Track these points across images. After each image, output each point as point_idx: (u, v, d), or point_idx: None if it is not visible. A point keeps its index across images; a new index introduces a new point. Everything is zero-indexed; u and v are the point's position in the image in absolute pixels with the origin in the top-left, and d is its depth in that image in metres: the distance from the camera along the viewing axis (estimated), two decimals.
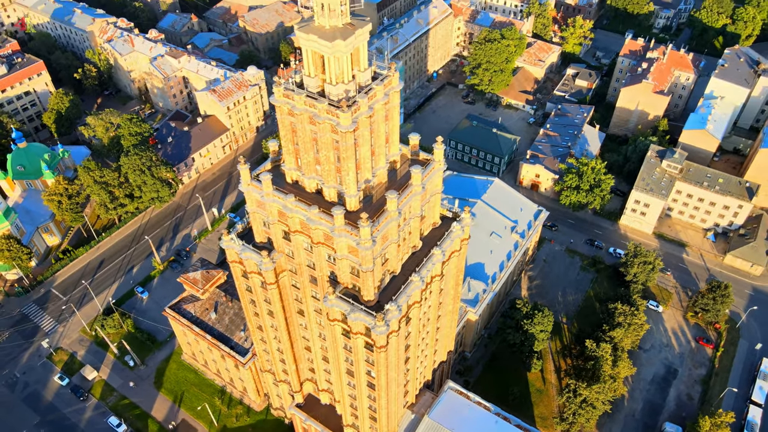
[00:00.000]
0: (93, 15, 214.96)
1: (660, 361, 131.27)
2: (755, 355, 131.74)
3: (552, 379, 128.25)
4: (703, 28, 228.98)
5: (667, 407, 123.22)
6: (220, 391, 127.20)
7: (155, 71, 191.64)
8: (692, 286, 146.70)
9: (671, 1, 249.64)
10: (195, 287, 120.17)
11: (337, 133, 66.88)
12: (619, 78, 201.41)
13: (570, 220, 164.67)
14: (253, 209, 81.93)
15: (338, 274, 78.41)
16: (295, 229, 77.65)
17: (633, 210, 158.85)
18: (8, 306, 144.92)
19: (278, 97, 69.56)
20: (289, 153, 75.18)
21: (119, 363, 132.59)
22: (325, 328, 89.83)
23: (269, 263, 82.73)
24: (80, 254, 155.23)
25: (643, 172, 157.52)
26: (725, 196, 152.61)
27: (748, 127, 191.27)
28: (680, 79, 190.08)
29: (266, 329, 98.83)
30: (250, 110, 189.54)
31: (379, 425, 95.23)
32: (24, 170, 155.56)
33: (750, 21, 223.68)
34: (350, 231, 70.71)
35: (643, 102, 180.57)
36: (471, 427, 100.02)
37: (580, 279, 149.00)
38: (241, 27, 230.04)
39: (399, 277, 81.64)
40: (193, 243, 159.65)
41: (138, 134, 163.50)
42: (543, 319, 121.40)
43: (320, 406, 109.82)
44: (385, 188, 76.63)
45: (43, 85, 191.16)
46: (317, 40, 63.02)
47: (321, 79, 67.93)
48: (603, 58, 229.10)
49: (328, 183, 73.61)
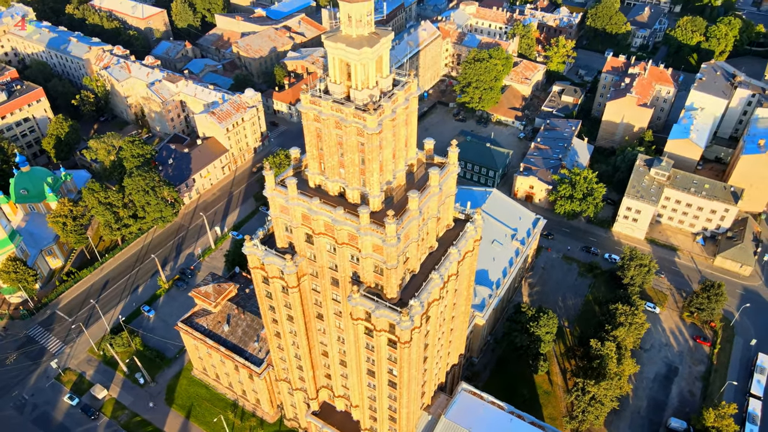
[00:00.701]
0: (89, 43, 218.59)
1: (661, 360, 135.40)
2: (751, 350, 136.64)
3: (558, 380, 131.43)
4: (678, 45, 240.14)
5: (671, 403, 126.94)
6: (233, 404, 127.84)
7: (153, 96, 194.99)
8: (686, 288, 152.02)
9: (647, 21, 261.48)
10: (207, 301, 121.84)
11: (363, 135, 70.87)
12: (603, 93, 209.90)
13: (565, 229, 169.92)
14: (276, 215, 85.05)
15: (361, 274, 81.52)
16: (319, 232, 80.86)
17: (625, 217, 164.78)
18: (13, 329, 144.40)
19: (305, 104, 73.50)
20: (314, 158, 78.88)
21: (129, 381, 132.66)
22: (344, 331, 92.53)
23: (292, 266, 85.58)
24: (84, 276, 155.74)
25: (633, 180, 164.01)
26: (712, 200, 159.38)
27: (728, 137, 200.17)
28: (661, 93, 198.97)
29: (285, 335, 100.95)
30: (248, 131, 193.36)
31: (398, 426, 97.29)
32: (27, 194, 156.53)
33: (722, 38, 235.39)
34: (375, 229, 74.19)
35: (628, 115, 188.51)
36: (487, 426, 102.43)
37: (579, 284, 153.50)
38: (235, 53, 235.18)
39: (418, 276, 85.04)
40: (197, 261, 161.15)
41: (140, 156, 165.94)
42: (548, 321, 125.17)
43: (336, 413, 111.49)
44: (404, 190, 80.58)
45: (42, 111, 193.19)
46: (345, 48, 67.44)
47: (346, 86, 72.09)
48: (585, 76, 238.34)
49: (351, 185, 77.28)
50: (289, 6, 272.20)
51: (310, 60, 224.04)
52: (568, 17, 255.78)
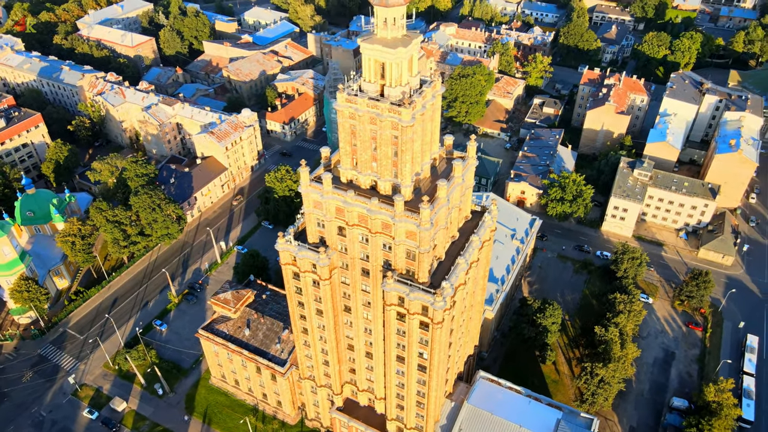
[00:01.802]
0: (81, 71, 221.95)
1: (658, 346, 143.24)
2: (739, 332, 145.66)
3: (565, 369, 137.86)
4: (646, 59, 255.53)
5: (671, 385, 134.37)
6: (253, 409, 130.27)
7: (151, 118, 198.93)
8: (674, 279, 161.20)
9: (615, 38, 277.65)
10: (227, 307, 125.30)
11: (398, 128, 77.48)
12: (581, 104, 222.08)
13: (557, 230, 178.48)
14: (309, 210, 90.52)
15: (393, 262, 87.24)
16: (352, 223, 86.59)
17: (613, 216, 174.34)
18: (25, 349, 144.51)
19: (341, 102, 79.99)
20: (347, 154, 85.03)
21: (147, 393, 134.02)
22: (372, 322, 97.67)
23: (325, 259, 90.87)
24: (92, 294, 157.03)
25: (618, 181, 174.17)
26: (692, 197, 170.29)
27: (699, 140, 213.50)
28: (636, 102, 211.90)
29: (312, 331, 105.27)
30: (246, 150, 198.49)
31: (426, 411, 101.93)
32: (33, 215, 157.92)
33: (686, 51, 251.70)
34: (410, 216, 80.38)
35: (607, 122, 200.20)
36: (508, 409, 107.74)
37: (575, 281, 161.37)
38: (225, 77, 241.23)
39: (444, 262, 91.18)
40: (204, 276, 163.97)
41: (144, 175, 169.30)
42: (553, 312, 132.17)
43: (359, 409, 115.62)
44: (430, 182, 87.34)
45: (40, 137, 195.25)
46: (381, 49, 74.45)
47: (380, 84, 78.90)
48: (562, 90, 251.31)
49: (383, 177, 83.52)
50: (274, 32, 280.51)
51: (300, 81, 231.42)
52: (542, 36, 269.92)
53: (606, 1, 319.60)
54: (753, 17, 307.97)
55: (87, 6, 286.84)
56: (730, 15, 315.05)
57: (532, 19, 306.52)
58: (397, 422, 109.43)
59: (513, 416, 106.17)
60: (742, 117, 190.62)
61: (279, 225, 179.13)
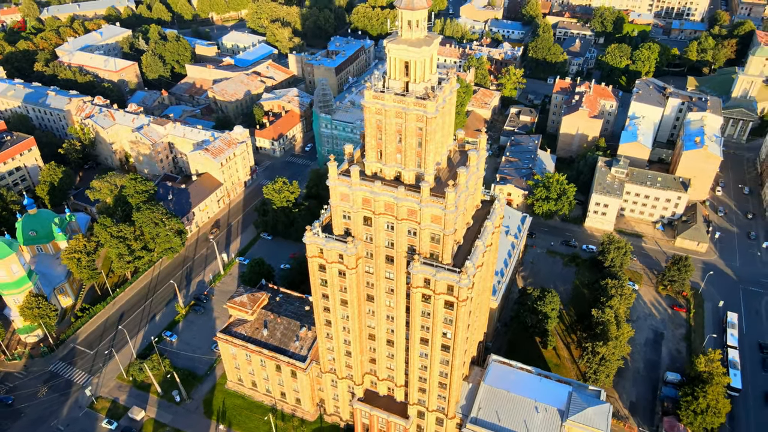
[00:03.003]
0: (67, 96, 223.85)
1: (648, 328, 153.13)
2: (720, 311, 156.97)
3: (565, 354, 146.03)
4: (610, 69, 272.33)
5: (663, 362, 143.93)
6: (271, 410, 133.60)
7: (143, 138, 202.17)
8: (656, 267, 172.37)
9: (579, 51, 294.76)
10: (244, 309, 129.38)
11: (422, 120, 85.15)
12: (555, 111, 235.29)
13: (544, 228, 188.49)
14: (336, 203, 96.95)
15: (418, 246, 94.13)
16: (379, 212, 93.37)
17: (595, 212, 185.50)
18: (35, 366, 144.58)
19: (368, 99, 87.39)
20: (372, 148, 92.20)
21: (164, 401, 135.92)
22: (394, 309, 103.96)
23: (353, 248, 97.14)
24: (98, 310, 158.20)
25: (598, 178, 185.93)
26: (666, 191, 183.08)
27: (666, 140, 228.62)
28: (606, 107, 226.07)
29: (336, 322, 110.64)
30: (239, 166, 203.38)
31: (449, 390, 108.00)
32: (36, 235, 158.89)
33: (646, 60, 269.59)
34: (435, 200, 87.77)
35: (582, 126, 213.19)
36: (522, 386, 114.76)
37: (565, 273, 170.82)
38: (211, 97, 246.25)
39: (462, 246, 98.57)
40: (209, 287, 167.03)
41: (144, 192, 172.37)
42: (552, 299, 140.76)
43: (379, 398, 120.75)
44: (447, 172, 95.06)
45: (33, 160, 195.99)
46: (407, 48, 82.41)
47: (404, 81, 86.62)
48: (535, 100, 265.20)
49: (408, 167, 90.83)
50: (254, 55, 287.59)
51: (286, 99, 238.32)
52: (512, 51, 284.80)
53: (567, 18, 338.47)
54: (702, 29, 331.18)
55: (65, 34, 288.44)
56: (681, 27, 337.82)
57: (500, 35, 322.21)
58: (419, 406, 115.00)
59: (528, 392, 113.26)
60: (703, 117, 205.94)
61: (278, 236, 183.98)
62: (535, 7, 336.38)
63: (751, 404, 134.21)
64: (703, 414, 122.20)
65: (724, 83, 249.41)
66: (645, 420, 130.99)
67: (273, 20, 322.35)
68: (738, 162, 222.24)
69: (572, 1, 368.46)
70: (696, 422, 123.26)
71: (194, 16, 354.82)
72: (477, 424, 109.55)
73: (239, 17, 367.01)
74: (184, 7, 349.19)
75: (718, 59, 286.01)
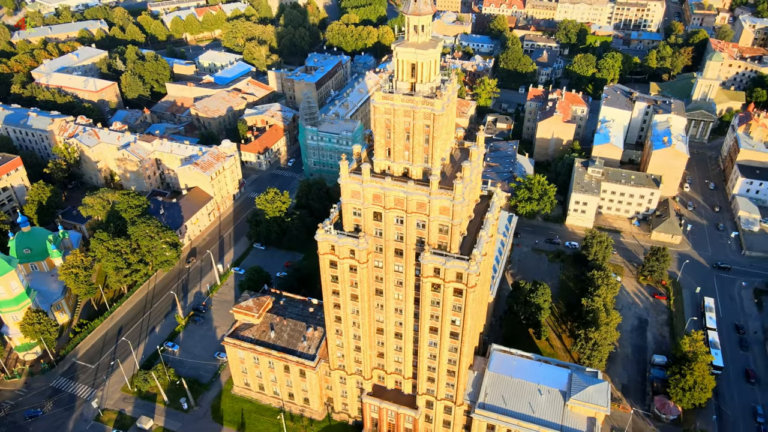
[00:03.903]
0: (49, 116, 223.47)
1: (632, 316, 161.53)
2: (697, 297, 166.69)
3: (557, 344, 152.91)
4: (577, 77, 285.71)
5: (650, 346, 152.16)
6: (279, 411, 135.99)
7: (130, 155, 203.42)
8: (635, 260, 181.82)
9: (547, 61, 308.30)
10: (250, 313, 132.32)
11: (430, 118, 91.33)
12: (530, 118, 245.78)
13: (527, 228, 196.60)
14: (346, 201, 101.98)
15: (427, 237, 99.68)
16: (389, 207, 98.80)
17: (575, 210, 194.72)
18: (36, 383, 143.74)
19: (378, 100, 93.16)
20: (381, 146, 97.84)
21: (171, 409, 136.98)
22: (403, 302, 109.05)
23: (364, 243, 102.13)
24: (96, 325, 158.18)
25: (576, 178, 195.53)
26: (640, 187, 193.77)
27: (635, 142, 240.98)
28: (577, 112, 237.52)
29: (346, 318, 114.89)
30: (228, 179, 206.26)
31: (458, 377, 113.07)
32: (30, 252, 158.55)
33: (610, 69, 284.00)
34: (443, 192, 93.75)
35: (556, 131, 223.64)
36: (524, 372, 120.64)
37: (551, 269, 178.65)
38: (193, 114, 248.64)
39: (466, 237, 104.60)
40: (207, 298, 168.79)
41: (137, 206, 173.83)
42: (544, 291, 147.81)
43: (387, 392, 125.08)
44: (450, 168, 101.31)
45: (20, 180, 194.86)
46: (415, 51, 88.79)
47: (410, 82, 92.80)
48: (508, 108, 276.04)
49: (415, 163, 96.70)
50: (232, 72, 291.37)
51: (269, 114, 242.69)
52: (483, 63, 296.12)
53: (533, 31, 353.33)
54: (659, 38, 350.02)
55: (39, 57, 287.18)
56: (640, 38, 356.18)
57: (471, 49, 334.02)
58: (428, 396, 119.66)
59: (530, 377, 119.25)
60: (669, 118, 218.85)
61: (271, 245, 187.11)
62: (502, 22, 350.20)
63: (733, 381, 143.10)
64: (691, 390, 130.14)
65: (684, 88, 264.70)
66: (637, 400, 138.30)
67: (249, 39, 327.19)
68: (702, 160, 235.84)
69: (536, 16, 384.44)
70: (685, 399, 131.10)
71: (168, 37, 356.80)
72: (485, 408, 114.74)
73: (213, 37, 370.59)
74: (158, 28, 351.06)
75: (677, 66, 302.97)
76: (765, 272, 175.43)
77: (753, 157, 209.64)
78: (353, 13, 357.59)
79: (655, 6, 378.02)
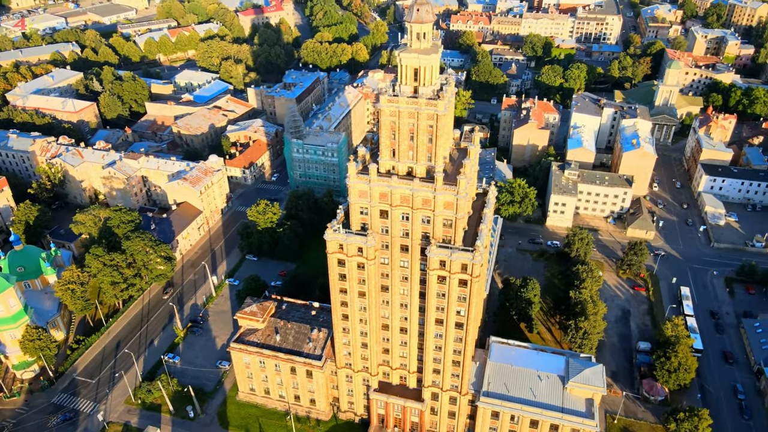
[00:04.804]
0: (30, 137, 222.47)
1: (615, 307, 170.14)
2: (674, 287, 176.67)
3: (548, 337, 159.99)
4: (546, 87, 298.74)
5: (634, 334, 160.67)
6: (285, 414, 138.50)
7: (117, 173, 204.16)
8: (613, 255, 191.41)
9: (516, 73, 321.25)
10: (255, 318, 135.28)
11: (433, 118, 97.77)
12: (505, 126, 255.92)
13: (510, 230, 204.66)
14: (354, 200, 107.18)
15: (432, 232, 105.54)
16: (395, 204, 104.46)
17: (554, 211, 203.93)
18: (36, 401, 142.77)
19: (384, 103, 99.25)
20: (386, 147, 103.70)
21: (177, 418, 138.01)
22: (408, 296, 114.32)
23: (372, 240, 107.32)
24: (93, 341, 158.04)
25: (554, 181, 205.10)
26: (614, 187, 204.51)
27: (604, 146, 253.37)
28: (550, 119, 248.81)
29: (353, 315, 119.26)
30: (217, 193, 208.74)
31: (462, 367, 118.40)
32: (24, 271, 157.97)
33: (576, 79, 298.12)
34: (448, 188, 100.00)
35: (532, 137, 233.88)
36: (523, 360, 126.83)
37: (536, 267, 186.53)
38: (175, 132, 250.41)
39: (468, 231, 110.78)
40: (204, 309, 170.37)
41: (130, 222, 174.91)
42: (534, 286, 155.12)
43: (393, 387, 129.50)
44: (450, 166, 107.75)
45: (5, 200, 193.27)
46: (418, 56, 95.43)
47: (413, 86, 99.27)
48: (482, 119, 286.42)
49: (419, 162, 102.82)
50: (210, 91, 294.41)
51: (252, 129, 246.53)
52: (456, 76, 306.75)
53: (501, 46, 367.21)
54: (619, 50, 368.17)
55: (13, 80, 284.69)
56: (601, 50, 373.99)
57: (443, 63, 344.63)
58: (433, 388, 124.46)
59: (530, 364, 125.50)
60: (636, 123, 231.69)
61: (263, 256, 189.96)
62: (471, 37, 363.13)
63: (713, 362, 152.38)
64: (676, 372, 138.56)
65: (647, 94, 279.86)
66: (626, 385, 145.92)
67: (224, 58, 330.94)
68: (667, 161, 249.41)
69: (502, 31, 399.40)
70: (671, 380, 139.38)
71: (142, 58, 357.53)
72: (489, 396, 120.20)
73: (186, 57, 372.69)
74: (131, 50, 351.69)
75: (637, 75, 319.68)
76: (733, 262, 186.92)
77: (714, 156, 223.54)
78: (326, 31, 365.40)
79: (613, 20, 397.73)
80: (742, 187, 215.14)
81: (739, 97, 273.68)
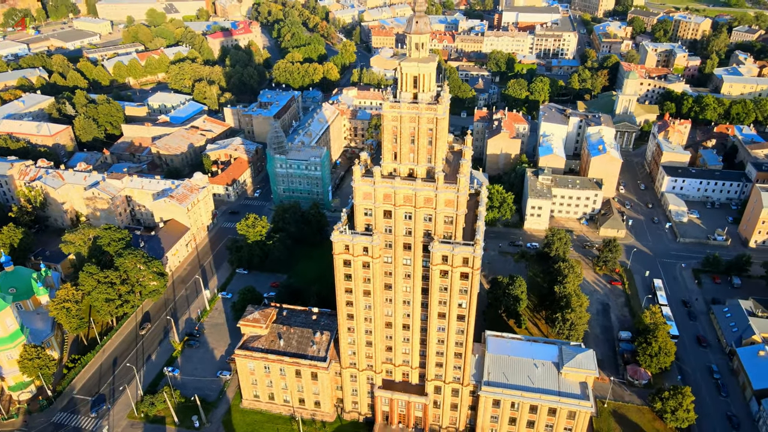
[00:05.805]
0: (7, 161, 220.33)
1: (595, 301, 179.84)
2: (647, 280, 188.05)
3: (535, 331, 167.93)
4: (513, 100, 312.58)
5: (615, 325, 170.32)
6: (290, 419, 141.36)
7: (101, 193, 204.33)
8: (589, 254, 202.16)
9: (483, 88, 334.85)
10: (258, 324, 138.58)
11: (433, 122, 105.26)
12: (477, 137, 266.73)
13: (490, 234, 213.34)
14: (359, 202, 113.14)
15: (433, 229, 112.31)
16: (399, 204, 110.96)
17: (531, 214, 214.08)
18: (35, 422, 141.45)
19: (387, 109, 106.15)
20: (388, 151, 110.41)
21: (183, 429, 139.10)
22: (411, 293, 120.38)
23: (377, 240, 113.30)
24: (89, 359, 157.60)
25: (530, 186, 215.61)
26: (585, 190, 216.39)
27: (572, 153, 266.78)
28: (520, 129, 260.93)
29: (358, 313, 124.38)
30: (202, 210, 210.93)
31: (464, 358, 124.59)
32: (16, 291, 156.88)
33: (541, 91, 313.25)
34: (448, 186, 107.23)
35: (504, 147, 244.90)
36: (519, 350, 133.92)
37: (519, 268, 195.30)
38: (154, 153, 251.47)
39: (465, 228, 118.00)
40: (199, 323, 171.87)
41: (120, 239, 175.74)
42: (521, 283, 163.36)
43: (396, 384, 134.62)
44: (448, 167, 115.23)
45: None
46: (417, 65, 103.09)
47: (413, 92, 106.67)
48: (454, 131, 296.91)
49: (420, 163, 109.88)
50: (185, 112, 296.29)
51: (232, 147, 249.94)
52: None
53: (466, 62, 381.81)
54: (576, 64, 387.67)
55: None
56: (560, 65, 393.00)
57: None
58: (436, 381, 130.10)
59: (525, 354, 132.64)
60: (600, 130, 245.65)
61: (254, 269, 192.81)
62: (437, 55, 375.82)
63: (688, 346, 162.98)
64: (657, 356, 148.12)
65: (607, 104, 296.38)
66: (612, 371, 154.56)
67: (197, 80, 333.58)
68: (630, 165, 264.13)
69: (465, 49, 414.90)
70: (653, 364, 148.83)
71: (111, 82, 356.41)
72: (490, 385, 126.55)
73: (157, 80, 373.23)
74: (101, 74, 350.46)
75: (596, 86, 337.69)
76: (698, 255, 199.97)
77: (674, 159, 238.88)
78: (296, 51, 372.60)
79: (570, 36, 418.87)
80: (701, 186, 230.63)
81: (690, 104, 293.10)
